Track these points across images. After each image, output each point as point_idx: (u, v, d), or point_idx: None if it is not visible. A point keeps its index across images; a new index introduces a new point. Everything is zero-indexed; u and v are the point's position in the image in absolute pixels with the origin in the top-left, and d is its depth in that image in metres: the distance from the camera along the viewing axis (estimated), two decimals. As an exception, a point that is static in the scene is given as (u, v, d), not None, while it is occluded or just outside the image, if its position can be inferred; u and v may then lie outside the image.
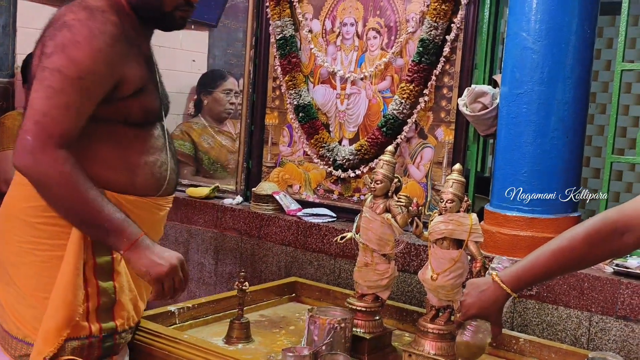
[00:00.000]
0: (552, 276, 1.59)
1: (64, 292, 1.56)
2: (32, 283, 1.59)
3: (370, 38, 2.85)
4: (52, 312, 1.56)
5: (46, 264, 1.58)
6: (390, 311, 2.26)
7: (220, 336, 2.04)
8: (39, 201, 1.53)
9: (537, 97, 2.24)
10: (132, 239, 1.54)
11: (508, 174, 2.32)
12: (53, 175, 1.46)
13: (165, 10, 1.62)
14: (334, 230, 2.73)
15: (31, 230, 1.58)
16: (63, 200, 1.50)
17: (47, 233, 1.58)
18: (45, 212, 1.56)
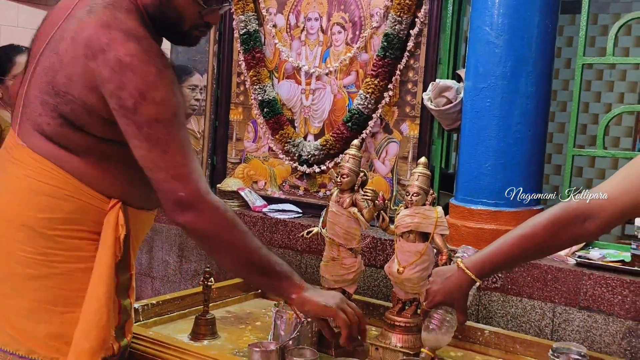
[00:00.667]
0: (516, 263, 1.62)
1: (97, 314, 1.50)
2: (47, 296, 1.49)
3: (334, 33, 2.84)
4: (84, 335, 1.49)
5: (64, 276, 1.50)
6: (357, 305, 2.23)
7: (186, 333, 2.02)
8: (56, 213, 1.48)
9: (501, 91, 2.26)
10: (301, 283, 1.57)
11: (472, 167, 2.34)
12: (221, 224, 1.46)
13: (184, 29, 1.58)
14: (300, 226, 2.72)
15: (46, 242, 1.48)
16: (234, 248, 1.50)
17: (64, 245, 1.50)
18: (65, 225, 1.49)
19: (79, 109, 1.45)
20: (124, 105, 1.40)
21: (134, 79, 1.39)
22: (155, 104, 1.40)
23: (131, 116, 1.40)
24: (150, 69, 1.40)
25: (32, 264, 1.48)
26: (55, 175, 1.48)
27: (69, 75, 1.44)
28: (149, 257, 3.21)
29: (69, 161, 1.49)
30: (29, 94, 1.52)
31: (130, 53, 1.39)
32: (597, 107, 5.19)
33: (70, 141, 1.48)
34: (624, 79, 5.14)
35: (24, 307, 1.49)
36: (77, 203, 1.50)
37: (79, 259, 1.51)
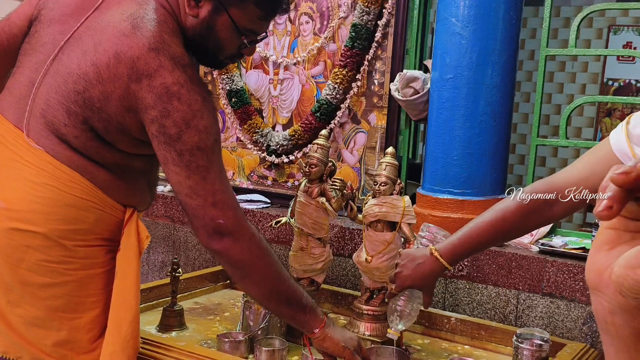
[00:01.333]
0: (487, 247, 1.65)
1: (131, 325, 1.50)
2: (60, 304, 1.46)
3: (302, 23, 2.83)
4: (121, 347, 1.48)
5: (77, 283, 1.48)
6: (326, 295, 2.27)
7: (154, 324, 2.00)
8: (80, 224, 1.45)
9: (467, 82, 2.28)
10: (323, 317, 1.56)
11: (439, 157, 2.36)
12: (257, 252, 1.45)
13: (218, 58, 1.56)
14: (268, 216, 2.71)
15: (64, 251, 1.45)
16: (266, 277, 1.48)
17: (81, 253, 1.47)
18: (85, 235, 1.47)
19: (112, 127, 1.41)
20: (166, 133, 1.37)
21: (180, 107, 1.36)
22: (198, 132, 1.38)
23: (173, 144, 1.37)
24: (197, 98, 1.38)
25: (47, 273, 1.44)
26: (81, 187, 1.44)
27: (107, 93, 1.38)
28: None
29: (95, 173, 1.45)
30: (46, 94, 1.44)
31: (179, 82, 1.36)
32: (560, 97, 5.28)
33: (99, 155, 1.45)
34: (586, 70, 5.24)
35: (35, 316, 1.45)
36: (98, 213, 1.48)
37: (92, 266, 1.50)
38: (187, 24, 1.47)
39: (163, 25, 1.41)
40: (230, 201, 1.43)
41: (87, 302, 1.50)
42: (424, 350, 1.97)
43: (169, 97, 1.35)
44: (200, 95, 1.39)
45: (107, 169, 1.47)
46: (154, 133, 1.38)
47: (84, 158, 1.44)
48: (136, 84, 1.36)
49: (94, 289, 1.51)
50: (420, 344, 2.01)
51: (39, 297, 1.45)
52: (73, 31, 1.44)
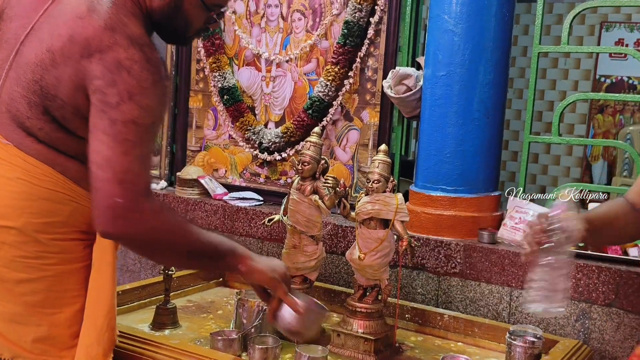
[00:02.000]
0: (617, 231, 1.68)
1: (107, 317, 1.49)
2: (39, 300, 1.46)
3: (295, 20, 2.83)
4: (96, 339, 1.47)
5: (56, 278, 1.47)
6: (319, 292, 2.27)
7: (147, 323, 2.00)
8: (55, 217, 1.43)
9: (459, 79, 2.28)
10: (245, 252, 1.52)
11: (432, 154, 2.36)
12: (159, 228, 1.37)
13: (187, 35, 1.54)
14: (261, 214, 2.71)
15: (40, 246, 1.44)
16: (175, 246, 1.42)
17: (57, 247, 1.46)
18: (61, 228, 1.45)
19: (68, 113, 1.39)
20: (106, 100, 1.32)
21: (129, 80, 1.32)
22: (139, 108, 1.33)
23: (109, 111, 1.32)
24: (147, 76, 1.34)
25: (23, 268, 1.43)
26: (51, 178, 1.43)
27: (60, 76, 1.36)
28: None
29: (65, 164, 1.44)
30: (10, 88, 1.43)
31: (132, 58, 1.33)
32: (552, 94, 5.30)
33: (66, 145, 1.43)
34: (578, 67, 5.26)
35: (13, 312, 1.44)
36: (73, 205, 1.46)
37: (69, 261, 1.49)
38: (153, 5, 1.45)
39: (121, 7, 1.39)
40: (138, 185, 1.34)
41: (66, 297, 1.49)
42: (417, 347, 1.97)
43: (119, 69, 1.31)
44: (153, 76, 1.34)
45: (78, 159, 1.44)
46: (94, 102, 1.33)
47: (52, 150, 1.42)
48: (87, 60, 1.33)
49: (73, 284, 1.50)
50: (414, 341, 2.02)
51: (16, 293, 1.44)
52: (33, 23, 1.43)
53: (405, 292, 2.36)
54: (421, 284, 2.34)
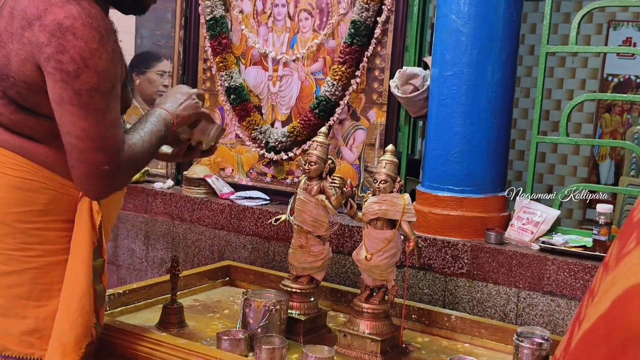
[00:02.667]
0: None
1: (80, 301, 1.49)
2: (23, 292, 1.47)
3: (302, 19, 2.83)
4: (69, 324, 1.48)
5: (40, 270, 1.48)
6: (325, 292, 2.27)
7: (153, 322, 2.00)
8: (33, 205, 1.44)
9: (467, 79, 2.28)
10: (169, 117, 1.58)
11: (439, 154, 2.36)
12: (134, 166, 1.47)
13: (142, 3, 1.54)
14: (267, 213, 2.71)
15: (22, 236, 1.46)
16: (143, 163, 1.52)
17: (40, 238, 1.48)
18: (41, 217, 1.46)
19: (23, 90, 1.39)
20: (64, 69, 1.32)
21: (77, 43, 1.32)
22: (97, 74, 1.34)
23: (71, 81, 1.33)
24: (93, 34, 1.33)
25: (6, 260, 1.45)
26: (24, 167, 1.44)
27: (7, 54, 1.37)
28: (114, 245, 3.17)
29: (35, 151, 1.45)
30: None
31: (72, 15, 1.32)
32: (560, 93, 5.28)
33: (29, 128, 1.44)
34: (586, 66, 5.23)
35: (1, 305, 1.46)
36: (51, 194, 1.47)
37: (53, 252, 1.50)
38: None
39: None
40: (117, 146, 1.41)
41: (52, 290, 1.50)
42: (424, 348, 1.97)
43: (63, 32, 1.32)
44: (97, 32, 1.34)
45: (45, 143, 1.45)
46: (50, 71, 1.34)
47: (17, 136, 1.44)
48: (29, 31, 1.34)
49: (58, 277, 1.50)
50: (420, 342, 2.01)
51: (1, 285, 1.46)
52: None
53: (412, 292, 2.36)
54: (428, 284, 2.34)
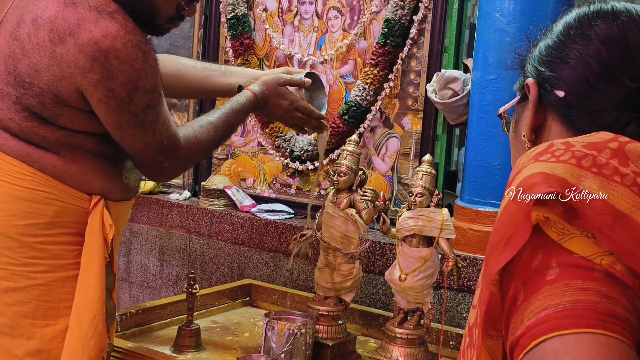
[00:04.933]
0: None
1: (93, 321, 1.49)
2: (28, 310, 1.47)
3: (331, 18, 2.82)
4: (81, 345, 1.47)
5: (46, 287, 1.48)
6: (354, 315, 2.25)
7: (168, 344, 2.00)
8: (39, 218, 1.45)
9: (511, 83, 2.21)
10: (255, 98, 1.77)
11: (480, 165, 2.33)
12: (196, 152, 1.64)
13: (156, 24, 1.56)
14: (291, 228, 2.70)
15: (27, 251, 1.46)
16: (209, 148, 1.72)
17: (46, 253, 1.48)
18: (47, 230, 1.47)
19: (48, 100, 1.41)
20: (117, 96, 1.41)
21: (123, 67, 1.38)
22: (147, 92, 1.45)
23: (126, 107, 1.43)
24: (136, 53, 1.39)
25: (10, 276, 1.45)
26: (31, 177, 1.45)
27: (34, 65, 1.40)
28: (126, 260, 3.18)
29: (42, 160, 1.46)
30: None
31: (110, 34, 1.35)
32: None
33: (39, 137, 1.45)
34: None
35: (2, 323, 1.46)
36: (58, 205, 1.48)
37: (60, 267, 1.49)
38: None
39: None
40: (173, 142, 1.54)
41: (60, 308, 1.50)
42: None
43: (105, 56, 1.36)
44: (138, 49, 1.40)
45: (54, 152, 1.46)
46: (100, 98, 1.41)
47: (26, 144, 1.45)
48: (61, 47, 1.37)
49: (67, 294, 1.50)
50: None
51: (4, 302, 1.45)
52: (2, 17, 1.47)
53: (450, 316, 2.32)
54: (467, 308, 2.31)
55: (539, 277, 0.70)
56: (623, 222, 0.70)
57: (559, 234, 0.72)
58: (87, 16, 1.36)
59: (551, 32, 0.93)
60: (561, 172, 0.73)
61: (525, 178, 0.74)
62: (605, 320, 0.66)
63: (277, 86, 1.80)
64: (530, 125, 0.91)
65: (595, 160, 0.74)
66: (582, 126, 0.85)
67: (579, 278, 0.69)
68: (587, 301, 0.67)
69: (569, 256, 0.70)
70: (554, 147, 0.77)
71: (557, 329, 0.66)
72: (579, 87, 0.85)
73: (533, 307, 0.69)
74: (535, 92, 0.90)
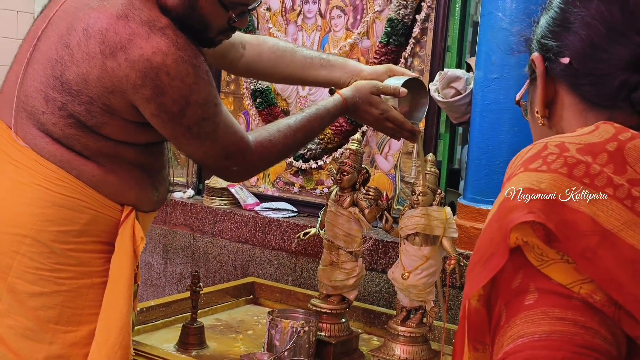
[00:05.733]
0: None
1: (121, 333, 1.50)
2: (53, 315, 1.47)
3: (334, 17, 2.83)
4: (108, 357, 1.48)
5: (72, 293, 1.49)
6: (357, 313, 2.26)
7: (172, 342, 2.01)
8: (72, 225, 1.46)
9: (515, 82, 2.25)
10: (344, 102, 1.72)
11: (483, 164, 2.33)
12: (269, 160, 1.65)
13: (208, 36, 1.55)
14: (295, 226, 2.71)
15: (55, 257, 1.46)
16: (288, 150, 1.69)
17: (74, 260, 1.48)
18: (78, 238, 1.47)
19: (96, 109, 1.41)
20: (169, 111, 1.42)
21: (173, 83, 1.39)
22: (200, 105, 1.45)
23: (179, 120, 1.44)
24: (187, 68, 1.39)
25: (37, 281, 1.45)
26: (68, 184, 1.45)
27: (84, 75, 1.39)
28: None
29: (81, 168, 1.46)
30: (27, 85, 1.46)
31: (160, 50, 1.36)
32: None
33: (81, 144, 1.45)
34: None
35: (25, 327, 1.46)
36: (91, 214, 1.48)
37: (87, 274, 1.50)
38: (168, 3, 1.45)
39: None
40: (239, 147, 1.55)
41: (83, 315, 1.50)
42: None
43: (156, 72, 1.37)
44: (189, 65, 1.40)
45: (94, 161, 1.47)
46: (154, 113, 1.43)
47: (67, 150, 1.45)
48: (112, 60, 1.37)
49: (91, 301, 1.51)
50: None
51: (29, 306, 1.45)
52: (49, 18, 1.47)
53: (453, 315, 2.33)
54: (470, 306, 2.31)
55: (518, 300, 0.69)
56: (610, 243, 0.68)
57: (538, 260, 0.69)
58: (138, 31, 1.36)
59: (550, 5, 0.89)
60: (548, 185, 0.71)
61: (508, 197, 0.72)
62: (581, 353, 0.64)
63: (369, 94, 1.73)
64: (542, 99, 0.88)
65: (588, 170, 0.71)
66: (590, 96, 0.82)
67: (557, 306, 0.67)
68: (563, 332, 0.65)
69: (547, 282, 0.68)
70: (547, 150, 0.75)
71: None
72: (583, 51, 0.82)
73: (511, 332, 0.68)
74: (541, 64, 0.87)
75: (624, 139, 0.74)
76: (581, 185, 0.71)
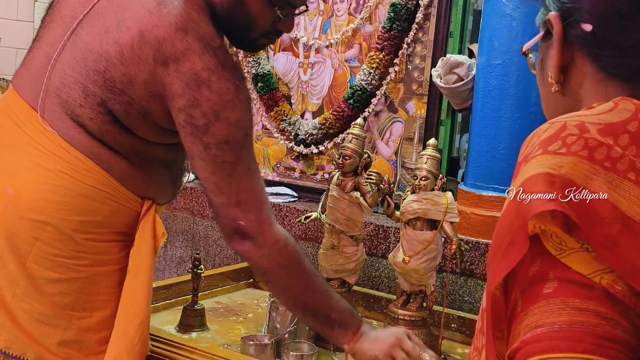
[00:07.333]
0: None
1: (140, 327, 1.50)
2: (69, 302, 1.47)
3: (336, 2, 2.83)
4: (126, 351, 1.48)
5: (88, 280, 1.49)
6: (358, 297, 2.27)
7: (173, 324, 2.02)
8: (94, 216, 1.45)
9: (517, 68, 2.25)
10: (357, 331, 1.53)
11: (484, 150, 2.34)
12: (278, 261, 1.45)
13: (251, 36, 1.53)
14: (295, 211, 2.72)
15: (75, 245, 1.46)
16: (289, 288, 1.50)
17: (93, 248, 1.48)
18: (98, 228, 1.47)
19: (134, 111, 1.41)
20: (193, 123, 1.37)
21: (210, 96, 1.35)
22: (228, 125, 1.38)
23: (200, 135, 1.37)
24: (229, 86, 1.37)
25: (55, 267, 1.45)
26: (94, 175, 1.44)
27: (131, 76, 1.38)
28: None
29: (111, 162, 1.45)
30: (62, 71, 1.43)
31: (209, 67, 1.35)
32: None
33: (116, 141, 1.44)
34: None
35: (41, 312, 1.46)
36: (114, 206, 1.48)
37: (104, 262, 1.50)
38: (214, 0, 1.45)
39: (190, 1, 1.40)
40: (255, 202, 1.43)
41: (97, 301, 1.51)
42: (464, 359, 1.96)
43: (198, 85, 1.35)
44: (232, 84, 1.37)
45: (124, 157, 1.47)
46: (180, 123, 1.38)
47: (99, 144, 1.43)
48: (163, 69, 1.36)
49: (106, 287, 1.52)
50: (460, 353, 2.00)
51: (46, 292, 1.46)
52: (93, 4, 1.43)
53: (452, 299, 2.34)
54: (469, 291, 2.33)
55: (537, 288, 0.67)
56: (632, 231, 0.65)
57: (557, 249, 0.67)
58: (194, 47, 1.35)
59: None
60: (568, 169, 0.67)
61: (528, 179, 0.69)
62: (602, 345, 0.63)
63: None
64: (557, 64, 0.81)
65: (609, 153, 0.68)
66: (612, 69, 0.76)
67: (577, 297, 0.65)
68: (584, 323, 0.64)
69: (567, 271, 0.66)
70: (567, 130, 0.70)
71: (551, 351, 0.64)
72: (608, 19, 0.74)
73: (529, 320, 0.66)
74: (559, 27, 0.79)
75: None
76: (602, 169, 0.67)
